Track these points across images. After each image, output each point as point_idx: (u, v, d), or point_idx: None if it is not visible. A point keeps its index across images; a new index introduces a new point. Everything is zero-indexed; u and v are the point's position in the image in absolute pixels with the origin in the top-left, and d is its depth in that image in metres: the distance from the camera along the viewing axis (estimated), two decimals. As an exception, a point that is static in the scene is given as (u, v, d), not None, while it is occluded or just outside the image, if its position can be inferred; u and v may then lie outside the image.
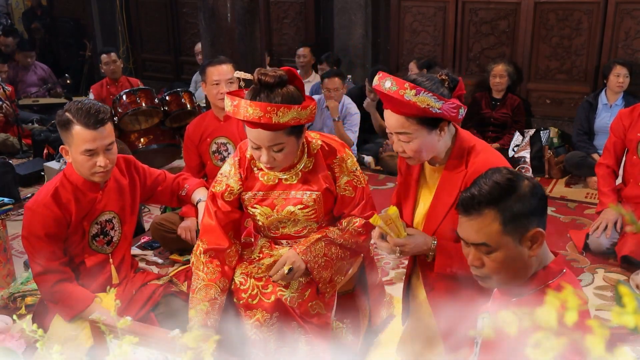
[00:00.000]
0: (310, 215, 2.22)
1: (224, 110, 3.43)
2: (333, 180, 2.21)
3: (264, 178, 2.22)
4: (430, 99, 1.79)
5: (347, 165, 2.22)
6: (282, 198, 2.20)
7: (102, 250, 2.45)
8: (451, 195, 1.94)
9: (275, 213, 2.21)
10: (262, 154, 2.03)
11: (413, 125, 1.86)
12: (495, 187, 1.40)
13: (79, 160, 2.25)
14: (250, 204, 2.24)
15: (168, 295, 2.55)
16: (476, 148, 1.95)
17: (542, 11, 5.30)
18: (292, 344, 2.18)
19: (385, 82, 1.82)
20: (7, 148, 5.63)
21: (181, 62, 7.69)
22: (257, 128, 1.97)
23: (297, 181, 2.20)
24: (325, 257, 2.18)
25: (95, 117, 2.21)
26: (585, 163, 4.56)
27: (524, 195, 1.40)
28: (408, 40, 5.97)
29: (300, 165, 2.20)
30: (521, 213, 1.39)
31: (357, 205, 2.24)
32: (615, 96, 4.68)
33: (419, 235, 1.99)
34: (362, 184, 2.25)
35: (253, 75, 1.98)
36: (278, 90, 1.96)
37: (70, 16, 8.16)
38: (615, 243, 3.38)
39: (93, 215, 2.38)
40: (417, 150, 1.90)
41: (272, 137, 1.98)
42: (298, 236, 2.28)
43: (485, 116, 5.21)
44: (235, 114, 1.95)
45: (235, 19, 3.97)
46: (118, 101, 4.77)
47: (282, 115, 1.91)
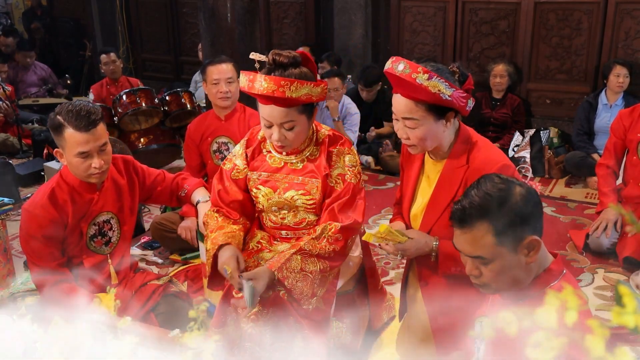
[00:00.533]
0: (309, 204, 2.21)
1: (224, 110, 3.44)
2: (329, 169, 2.21)
3: (270, 160, 2.26)
4: (441, 85, 1.80)
5: (345, 159, 2.23)
6: (285, 182, 2.23)
7: (101, 251, 2.45)
8: (451, 189, 1.95)
9: (276, 195, 2.23)
10: (274, 132, 2.08)
11: (421, 112, 1.87)
12: (486, 199, 1.38)
13: (74, 162, 2.24)
14: (255, 185, 2.27)
15: (168, 295, 2.55)
16: (478, 144, 1.96)
17: (542, 11, 5.30)
18: (288, 339, 2.16)
19: (398, 65, 1.83)
20: (7, 148, 5.63)
21: (181, 62, 7.69)
22: (270, 104, 2.03)
23: (302, 167, 2.23)
24: (302, 272, 2.08)
25: (86, 119, 2.18)
26: (585, 163, 4.56)
27: (515, 204, 1.37)
28: (408, 40, 5.97)
29: (307, 151, 2.24)
30: (514, 223, 1.36)
31: (339, 198, 2.17)
32: (616, 96, 4.68)
33: (420, 238, 2.00)
34: (354, 182, 2.20)
35: (267, 57, 2.05)
36: (292, 69, 2.03)
37: (70, 16, 8.15)
38: (616, 243, 3.38)
39: (90, 216, 2.37)
40: (422, 137, 1.90)
41: (285, 113, 2.04)
42: (297, 228, 2.28)
43: (485, 116, 5.21)
44: (250, 88, 2.02)
45: (235, 19, 3.97)
46: (118, 101, 4.77)
47: (295, 89, 1.99)
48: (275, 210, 2.27)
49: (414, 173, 2.10)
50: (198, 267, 3.01)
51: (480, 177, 1.47)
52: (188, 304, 2.59)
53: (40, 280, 2.31)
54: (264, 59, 2.06)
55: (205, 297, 2.86)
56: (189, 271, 3.15)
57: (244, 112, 3.48)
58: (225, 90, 3.34)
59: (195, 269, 3.13)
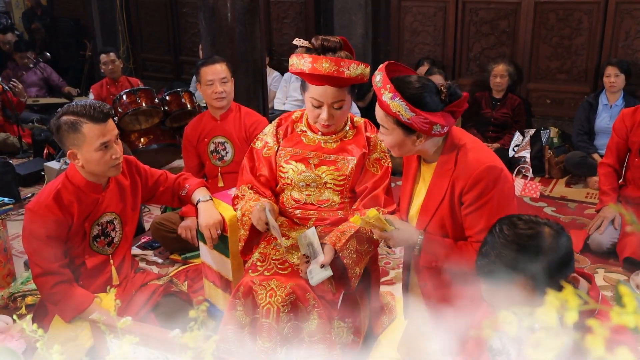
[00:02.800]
0: (339, 180, 2.31)
1: (220, 110, 3.44)
2: (368, 151, 2.34)
3: (305, 139, 2.38)
4: (402, 107, 1.82)
5: (382, 145, 2.34)
6: (318, 158, 2.34)
7: (103, 251, 2.45)
8: (441, 191, 1.97)
9: (308, 170, 2.32)
10: (323, 112, 2.20)
11: (390, 123, 1.92)
12: (516, 250, 1.24)
13: (95, 157, 2.25)
14: (285, 160, 2.36)
15: (168, 295, 2.55)
16: (466, 146, 1.96)
17: (542, 11, 5.30)
18: (303, 317, 2.19)
19: (377, 76, 1.89)
20: (8, 147, 5.63)
21: (181, 62, 7.68)
22: (324, 84, 2.15)
23: (335, 146, 2.35)
24: (357, 253, 2.22)
25: (101, 111, 2.24)
26: (586, 163, 4.56)
27: (549, 249, 1.23)
28: (408, 40, 5.97)
29: (341, 133, 2.36)
30: (552, 270, 1.24)
31: (381, 183, 2.31)
32: (615, 96, 4.68)
33: (405, 230, 2.01)
34: (388, 165, 2.36)
35: (311, 42, 2.18)
36: (340, 53, 2.17)
37: (70, 16, 8.15)
38: (616, 243, 3.38)
39: (95, 216, 2.38)
40: (391, 145, 1.98)
41: (337, 93, 2.17)
42: (319, 207, 2.35)
43: (485, 116, 5.21)
44: (310, 70, 2.11)
45: (235, 19, 3.97)
46: (118, 101, 4.77)
47: (353, 69, 2.12)
48: (302, 187, 2.35)
49: (411, 175, 2.13)
50: (198, 267, 3.02)
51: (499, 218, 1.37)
52: (188, 304, 2.60)
53: (41, 280, 2.31)
54: (307, 44, 2.18)
55: (205, 297, 2.86)
56: (189, 271, 3.15)
57: (239, 111, 3.48)
58: (220, 91, 3.34)
59: (195, 269, 3.13)
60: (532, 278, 1.24)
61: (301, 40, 2.21)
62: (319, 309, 2.18)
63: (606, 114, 4.70)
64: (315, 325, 2.18)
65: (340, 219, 2.35)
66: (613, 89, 4.63)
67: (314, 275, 2.12)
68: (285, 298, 2.16)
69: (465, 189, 1.90)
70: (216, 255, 2.69)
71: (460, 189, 1.91)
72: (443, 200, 1.95)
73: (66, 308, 2.32)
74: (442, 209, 1.96)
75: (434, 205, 1.99)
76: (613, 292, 3.06)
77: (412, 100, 1.82)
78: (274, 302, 2.17)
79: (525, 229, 1.28)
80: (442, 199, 1.95)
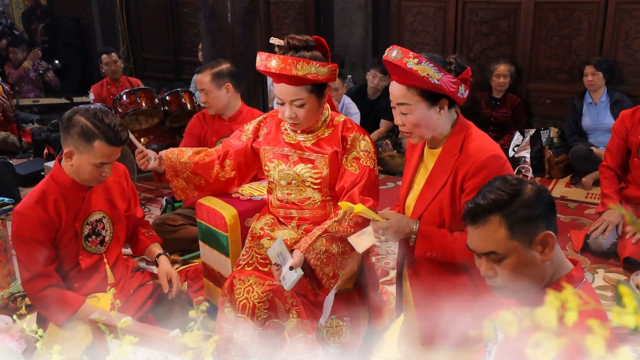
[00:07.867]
0: (316, 178, 2.32)
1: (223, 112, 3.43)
2: (342, 152, 2.32)
3: (286, 138, 2.42)
4: (430, 69, 1.85)
5: (360, 144, 2.32)
6: (297, 156, 2.37)
7: (96, 251, 2.45)
8: (443, 177, 1.97)
9: (287, 168, 2.37)
10: (286, 109, 2.25)
11: (414, 97, 1.91)
12: (498, 193, 1.40)
13: (88, 169, 2.26)
14: (269, 159, 2.42)
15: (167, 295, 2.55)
16: (473, 135, 1.99)
17: (542, 11, 5.30)
18: (283, 316, 2.23)
19: (392, 52, 1.94)
20: (8, 147, 5.63)
21: (181, 62, 7.68)
22: (281, 82, 2.21)
23: (311, 144, 2.37)
24: (327, 254, 2.22)
25: (119, 137, 2.24)
26: (591, 156, 4.57)
27: (528, 199, 1.38)
28: (408, 40, 5.97)
29: (319, 132, 2.37)
30: (527, 217, 1.37)
31: (358, 182, 2.27)
32: (597, 94, 4.77)
33: (400, 220, 2.01)
34: (370, 166, 2.31)
35: (286, 41, 2.22)
36: (304, 52, 2.20)
37: (70, 16, 8.15)
38: (616, 243, 3.38)
39: (83, 215, 2.37)
40: (415, 123, 1.95)
41: (294, 91, 2.21)
42: (301, 206, 2.38)
43: (485, 116, 5.21)
44: (265, 68, 2.20)
45: (235, 19, 3.96)
46: (118, 101, 4.78)
47: (301, 68, 2.14)
48: (283, 185, 2.38)
49: (414, 163, 2.13)
50: (198, 267, 3.02)
51: (494, 177, 1.48)
52: (188, 304, 2.60)
53: (30, 285, 2.31)
54: (282, 43, 2.22)
55: (205, 297, 2.87)
56: (189, 271, 3.15)
57: (250, 113, 3.46)
58: (204, 100, 3.36)
59: (195, 269, 3.13)
60: (507, 218, 1.37)
61: (277, 39, 2.25)
62: (298, 308, 2.22)
63: (593, 112, 4.78)
64: (294, 324, 2.22)
65: (322, 217, 2.36)
66: (592, 87, 4.73)
67: (287, 279, 2.13)
68: (262, 295, 2.21)
69: (469, 175, 1.90)
70: (216, 255, 2.69)
71: (464, 174, 1.92)
72: (444, 186, 1.95)
73: (57, 312, 2.30)
74: (441, 195, 1.96)
75: (434, 191, 1.99)
76: (613, 292, 3.06)
77: (435, 64, 1.87)
78: (251, 298, 2.22)
79: (511, 179, 1.43)
80: (444, 185, 1.95)
